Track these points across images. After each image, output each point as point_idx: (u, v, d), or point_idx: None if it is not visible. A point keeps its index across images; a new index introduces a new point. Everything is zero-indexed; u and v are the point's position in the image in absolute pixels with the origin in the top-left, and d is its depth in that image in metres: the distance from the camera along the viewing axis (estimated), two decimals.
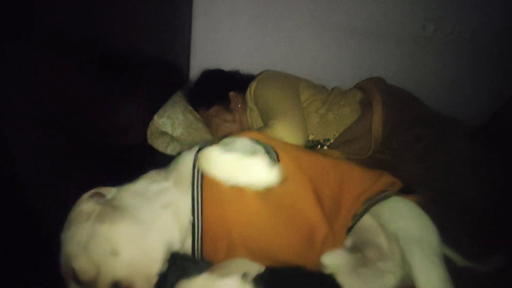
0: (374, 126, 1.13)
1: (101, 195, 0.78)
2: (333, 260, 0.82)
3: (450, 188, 1.03)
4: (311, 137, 1.23)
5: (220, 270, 0.70)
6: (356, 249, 0.86)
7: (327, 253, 0.81)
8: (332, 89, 1.36)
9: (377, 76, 1.37)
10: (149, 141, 1.30)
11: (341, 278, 0.80)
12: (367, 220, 0.86)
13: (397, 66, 1.59)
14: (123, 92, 1.09)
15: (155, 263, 0.67)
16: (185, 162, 0.80)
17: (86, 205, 0.74)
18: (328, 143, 1.22)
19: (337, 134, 1.21)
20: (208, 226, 0.75)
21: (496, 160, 1.10)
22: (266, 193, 0.72)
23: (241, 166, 0.70)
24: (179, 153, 0.87)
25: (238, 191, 0.72)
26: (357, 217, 0.85)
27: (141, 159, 1.32)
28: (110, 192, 0.78)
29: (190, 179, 0.76)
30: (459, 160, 1.08)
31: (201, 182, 0.76)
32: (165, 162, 1.31)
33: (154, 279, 0.65)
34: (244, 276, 0.65)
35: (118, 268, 0.64)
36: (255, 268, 0.74)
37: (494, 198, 1.01)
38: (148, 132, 1.29)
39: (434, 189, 1.01)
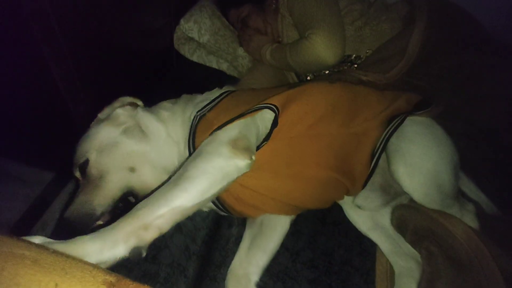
0: (411, 44, 1.03)
1: (135, 105, 0.84)
2: (364, 202, 0.87)
3: (489, 125, 0.96)
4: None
5: None
6: (386, 186, 0.88)
7: (359, 196, 0.87)
8: (374, 0, 1.21)
9: None
10: (176, 46, 1.28)
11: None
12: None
13: None
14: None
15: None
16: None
17: (122, 112, 0.81)
18: (358, 61, 1.14)
19: (370, 52, 1.12)
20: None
21: None
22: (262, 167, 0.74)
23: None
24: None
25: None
26: (383, 141, 0.83)
27: (167, 65, 1.32)
28: (142, 106, 0.84)
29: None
30: (504, 96, 0.97)
31: None
32: (191, 69, 1.32)
33: None
34: None
35: (132, 181, 0.73)
36: None
37: None
38: (175, 37, 1.26)
39: (470, 123, 0.95)
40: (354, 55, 1.13)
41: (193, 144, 0.74)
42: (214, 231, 0.89)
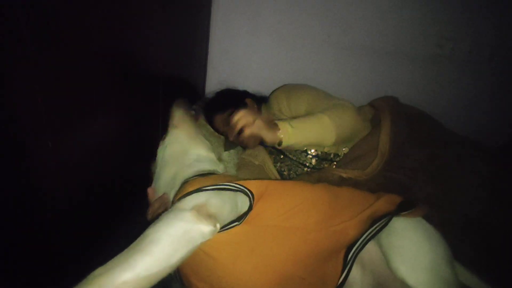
0: (381, 142, 1.12)
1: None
2: None
3: (468, 212, 0.99)
4: (326, 149, 1.22)
5: None
6: (381, 286, 0.83)
7: None
8: None
9: (392, 95, 1.36)
10: None
11: None
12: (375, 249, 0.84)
13: (413, 85, 1.58)
14: (138, 107, 1.13)
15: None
16: None
17: None
18: (337, 159, 1.20)
19: (346, 150, 1.20)
20: None
21: None
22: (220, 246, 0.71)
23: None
24: None
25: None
26: (362, 243, 0.81)
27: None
28: None
29: None
30: (477, 183, 1.03)
31: None
32: None
33: None
34: None
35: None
36: None
37: None
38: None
39: (451, 212, 0.98)
40: (332, 153, 1.21)
41: None
42: None
